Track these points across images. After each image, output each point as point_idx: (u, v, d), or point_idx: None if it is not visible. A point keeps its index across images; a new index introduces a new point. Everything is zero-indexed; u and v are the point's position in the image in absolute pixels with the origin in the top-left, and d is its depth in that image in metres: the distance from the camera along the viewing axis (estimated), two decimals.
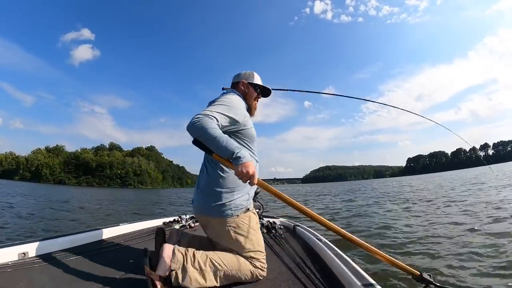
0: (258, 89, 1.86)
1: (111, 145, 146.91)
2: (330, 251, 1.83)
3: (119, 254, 1.84)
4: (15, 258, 1.59)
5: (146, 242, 2.15)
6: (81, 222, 8.06)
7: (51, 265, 1.55)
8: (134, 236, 2.25)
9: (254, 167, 1.38)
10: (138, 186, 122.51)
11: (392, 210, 8.85)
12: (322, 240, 2.12)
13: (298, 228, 2.64)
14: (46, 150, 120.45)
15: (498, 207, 7.32)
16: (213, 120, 1.41)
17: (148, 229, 2.52)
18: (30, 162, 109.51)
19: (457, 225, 5.67)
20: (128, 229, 2.43)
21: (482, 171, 42.90)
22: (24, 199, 15.95)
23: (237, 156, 1.36)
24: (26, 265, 1.52)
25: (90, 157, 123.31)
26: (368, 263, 3.64)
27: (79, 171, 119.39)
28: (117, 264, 1.67)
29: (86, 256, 1.75)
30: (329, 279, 1.52)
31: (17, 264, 1.53)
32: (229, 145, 1.38)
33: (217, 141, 1.37)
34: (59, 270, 1.48)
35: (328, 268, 1.68)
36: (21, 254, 1.61)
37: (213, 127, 1.38)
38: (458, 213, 7.15)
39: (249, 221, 1.59)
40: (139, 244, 2.09)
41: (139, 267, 1.62)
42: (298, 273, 1.61)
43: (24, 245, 1.67)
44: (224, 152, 1.38)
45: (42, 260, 1.61)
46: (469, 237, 4.64)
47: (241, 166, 1.34)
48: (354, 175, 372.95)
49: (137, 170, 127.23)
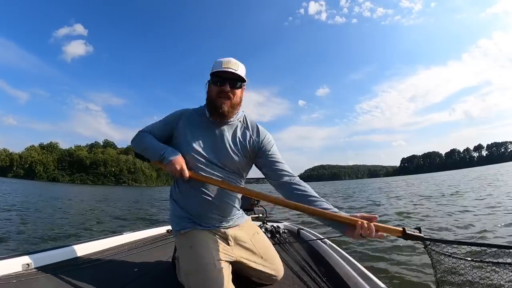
0: (218, 78, 1.34)
1: (106, 142, 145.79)
2: (336, 253, 1.83)
3: (123, 263, 1.83)
4: (19, 269, 1.56)
5: (150, 250, 2.13)
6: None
7: (56, 275, 1.53)
8: (138, 245, 2.23)
9: (182, 161, 1.30)
10: (132, 184, 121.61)
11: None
12: (327, 242, 2.12)
13: (302, 232, 2.64)
14: (40, 147, 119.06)
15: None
16: (145, 133, 1.46)
17: (152, 237, 2.50)
18: (23, 159, 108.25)
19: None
20: (132, 237, 2.41)
21: (484, 171, 43.29)
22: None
23: (163, 156, 1.31)
24: (30, 276, 1.50)
25: (84, 155, 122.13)
26: (375, 264, 3.61)
27: (73, 168, 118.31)
28: (122, 272, 1.66)
29: (90, 266, 1.74)
30: (335, 282, 1.51)
31: (21, 275, 1.50)
32: (156, 148, 1.36)
33: (145, 148, 1.40)
34: (63, 281, 1.47)
35: (334, 271, 1.68)
36: (25, 265, 1.59)
37: (143, 136, 1.43)
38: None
39: (186, 244, 1.35)
40: (143, 252, 2.07)
41: (144, 275, 1.62)
42: (304, 277, 1.60)
43: (28, 256, 1.65)
44: (154, 157, 1.35)
45: (46, 270, 1.59)
46: None
47: (169, 165, 1.28)
48: (348, 174, 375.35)
49: (131, 167, 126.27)
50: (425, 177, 55.99)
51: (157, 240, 2.40)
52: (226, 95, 1.34)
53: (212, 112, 1.39)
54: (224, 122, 1.41)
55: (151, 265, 1.80)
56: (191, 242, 1.32)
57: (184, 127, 1.42)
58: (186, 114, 1.46)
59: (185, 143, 1.38)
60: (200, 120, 1.44)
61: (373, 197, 15.86)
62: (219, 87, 1.33)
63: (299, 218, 6.42)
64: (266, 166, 1.42)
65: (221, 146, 1.39)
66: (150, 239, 2.44)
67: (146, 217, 10.18)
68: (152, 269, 1.74)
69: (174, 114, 1.48)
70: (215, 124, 1.42)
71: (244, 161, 1.43)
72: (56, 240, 5.66)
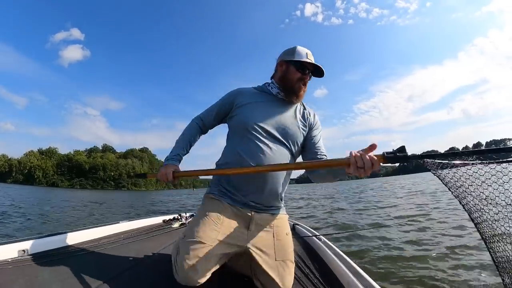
0: (302, 66, 1.43)
1: (105, 146, 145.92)
2: (330, 250, 1.83)
3: (118, 252, 1.83)
4: (15, 255, 1.58)
5: (146, 240, 2.14)
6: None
7: (51, 262, 1.54)
8: (133, 234, 2.23)
9: (167, 168, 1.39)
10: (132, 188, 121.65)
11: None
12: (321, 239, 2.11)
13: (297, 227, 2.64)
14: (39, 152, 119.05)
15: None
16: (193, 123, 1.59)
17: (147, 227, 2.51)
18: (22, 165, 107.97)
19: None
20: (127, 227, 2.42)
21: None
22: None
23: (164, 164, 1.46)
24: (26, 262, 1.51)
25: (83, 159, 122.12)
26: (368, 263, 3.63)
27: (72, 173, 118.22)
28: (117, 261, 1.66)
29: (86, 253, 1.74)
30: (328, 279, 1.51)
31: (17, 261, 1.52)
32: (173, 149, 1.52)
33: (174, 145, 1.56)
34: (59, 267, 1.48)
35: (328, 268, 1.68)
36: (21, 251, 1.60)
37: (184, 130, 1.58)
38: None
39: (203, 207, 1.39)
40: (139, 242, 2.08)
41: (139, 265, 1.63)
42: (297, 273, 1.59)
43: (24, 242, 1.66)
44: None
45: (42, 257, 1.61)
46: None
47: (159, 173, 1.41)
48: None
49: (130, 172, 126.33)
50: (425, 175, 56.23)
51: (153, 230, 2.41)
52: (305, 83, 1.47)
53: (288, 93, 1.48)
54: (291, 101, 1.50)
55: (147, 255, 1.80)
56: (210, 209, 1.34)
57: (246, 101, 1.48)
58: (245, 91, 1.55)
59: (249, 115, 1.43)
60: (263, 96, 1.51)
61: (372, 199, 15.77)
62: (301, 75, 1.45)
63: (294, 214, 6.39)
64: (309, 144, 1.51)
65: (287, 121, 1.46)
66: (146, 229, 2.45)
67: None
68: (148, 258, 1.74)
69: (231, 92, 1.55)
70: (280, 102, 1.50)
71: (303, 137, 1.50)
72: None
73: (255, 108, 1.45)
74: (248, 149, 1.36)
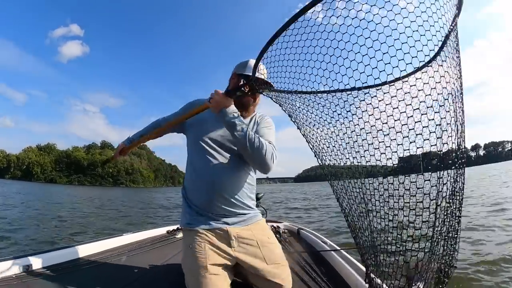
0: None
1: (103, 143, 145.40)
2: (336, 253, 1.82)
3: (123, 264, 1.83)
4: (20, 271, 1.57)
5: (150, 251, 2.14)
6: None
7: (56, 277, 1.54)
8: (138, 246, 2.22)
9: (118, 147, 1.74)
10: (130, 185, 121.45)
11: None
12: (327, 243, 2.11)
13: (302, 232, 2.63)
14: (37, 148, 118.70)
15: None
16: (157, 120, 1.74)
17: (151, 238, 2.49)
18: (21, 161, 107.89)
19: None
20: (131, 239, 2.41)
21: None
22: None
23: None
24: (31, 277, 1.51)
25: (81, 156, 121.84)
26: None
27: (71, 169, 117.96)
28: (122, 273, 1.67)
29: (91, 267, 1.74)
30: (336, 282, 1.51)
31: (22, 277, 1.51)
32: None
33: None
34: (64, 282, 1.48)
35: (335, 271, 1.67)
36: (25, 266, 1.60)
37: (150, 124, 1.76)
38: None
39: (185, 246, 1.35)
40: (143, 253, 2.07)
41: (144, 276, 1.63)
42: (305, 277, 1.59)
43: (28, 258, 1.66)
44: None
45: (47, 272, 1.61)
46: None
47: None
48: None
49: (129, 168, 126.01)
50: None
51: (157, 241, 2.39)
52: (255, 98, 1.48)
53: (237, 107, 1.38)
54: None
55: (152, 266, 1.79)
56: (191, 241, 1.31)
57: (198, 116, 1.44)
58: (199, 104, 1.49)
59: (199, 130, 1.45)
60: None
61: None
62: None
63: (298, 219, 6.40)
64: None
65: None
66: (150, 240, 2.43)
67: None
68: (153, 269, 1.74)
69: (185, 106, 1.59)
70: None
71: None
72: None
73: (205, 122, 1.45)
74: (199, 160, 1.40)
